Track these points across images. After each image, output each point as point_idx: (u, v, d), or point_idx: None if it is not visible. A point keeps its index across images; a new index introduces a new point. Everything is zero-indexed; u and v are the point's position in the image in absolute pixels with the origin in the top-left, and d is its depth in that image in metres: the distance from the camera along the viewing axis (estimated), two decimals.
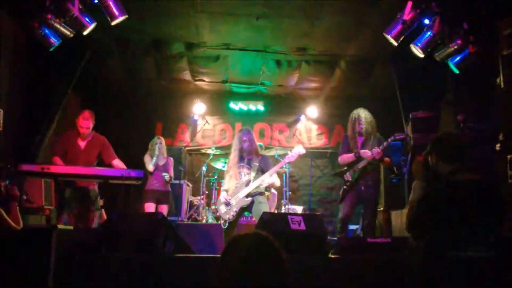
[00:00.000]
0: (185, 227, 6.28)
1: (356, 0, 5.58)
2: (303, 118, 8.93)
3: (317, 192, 8.65)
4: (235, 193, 5.13)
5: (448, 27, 5.13)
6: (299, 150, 5.38)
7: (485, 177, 2.97)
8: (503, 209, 2.83)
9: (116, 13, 4.97)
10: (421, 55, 5.33)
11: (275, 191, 7.50)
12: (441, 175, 2.91)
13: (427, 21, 5.15)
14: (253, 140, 5.31)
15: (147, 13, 5.90)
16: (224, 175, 5.47)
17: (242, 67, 7.67)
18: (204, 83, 8.27)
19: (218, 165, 7.66)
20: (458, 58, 5.29)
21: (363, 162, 5.27)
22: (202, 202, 7.32)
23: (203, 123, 8.59)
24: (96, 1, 4.97)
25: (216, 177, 7.47)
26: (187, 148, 8.46)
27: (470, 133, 5.13)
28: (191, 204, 7.58)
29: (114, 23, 5.04)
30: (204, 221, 7.02)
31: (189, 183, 7.86)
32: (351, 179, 5.32)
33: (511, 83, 4.35)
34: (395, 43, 5.23)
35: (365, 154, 5.22)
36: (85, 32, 5.09)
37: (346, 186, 5.35)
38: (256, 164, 5.20)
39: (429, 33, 5.16)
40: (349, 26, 6.16)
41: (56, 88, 6.20)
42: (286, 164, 6.32)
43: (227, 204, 5.12)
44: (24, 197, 5.21)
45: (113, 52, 6.93)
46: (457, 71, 5.40)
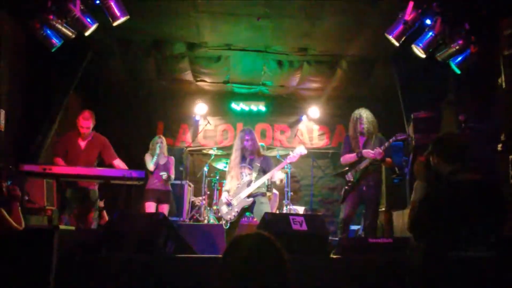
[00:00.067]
0: (186, 228, 6.26)
1: (357, 0, 5.58)
2: (304, 118, 8.91)
3: (318, 193, 8.62)
4: (236, 193, 5.12)
5: (450, 27, 5.13)
6: (300, 150, 5.38)
7: (486, 177, 2.98)
8: (504, 209, 2.83)
9: (118, 13, 4.99)
10: (422, 55, 5.33)
11: (277, 192, 7.50)
12: (442, 175, 2.91)
13: (428, 21, 5.15)
14: (255, 140, 5.32)
15: (148, 13, 5.91)
16: (226, 175, 5.47)
17: (244, 68, 7.67)
18: (206, 83, 8.27)
19: (220, 165, 7.66)
20: (460, 58, 5.29)
21: (364, 162, 5.26)
22: (204, 202, 7.31)
23: (204, 124, 8.58)
24: (97, 1, 4.99)
25: (217, 177, 7.47)
26: (189, 148, 8.46)
27: (471, 133, 5.12)
28: (192, 205, 7.59)
29: (115, 23, 5.06)
30: (205, 221, 7.01)
31: (190, 184, 7.86)
32: (353, 179, 5.31)
33: None
34: (397, 44, 5.23)
35: (367, 154, 5.21)
36: (86, 33, 5.10)
37: (348, 187, 5.35)
38: (258, 164, 5.19)
39: (430, 33, 5.16)
40: (350, 26, 6.16)
41: (57, 88, 6.22)
42: (288, 164, 6.33)
43: (229, 204, 5.11)
44: (26, 197, 5.22)
45: (114, 52, 6.94)
46: (458, 71, 5.40)
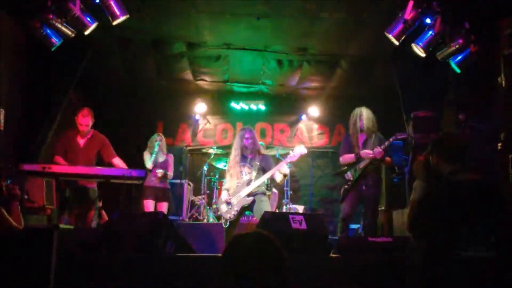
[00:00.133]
0: (186, 227, 6.28)
1: (357, 0, 5.58)
2: (304, 117, 8.92)
3: (318, 192, 8.62)
4: (236, 192, 5.12)
5: (450, 26, 5.12)
6: (301, 150, 5.37)
7: (486, 177, 2.98)
8: (504, 209, 2.83)
9: (118, 12, 4.98)
10: (422, 54, 5.32)
11: (276, 191, 7.50)
12: (442, 175, 2.91)
13: (428, 20, 5.14)
14: (255, 138, 5.31)
15: (148, 12, 5.90)
16: (225, 174, 5.47)
17: (243, 67, 7.66)
18: (205, 82, 8.26)
19: (219, 164, 7.66)
20: (460, 58, 5.28)
21: (364, 162, 5.26)
22: (203, 201, 7.32)
23: (204, 123, 8.58)
24: (97, 1, 4.98)
25: (217, 176, 7.47)
26: (188, 147, 8.45)
27: (471, 132, 5.13)
28: (192, 204, 7.59)
29: (115, 23, 5.05)
30: (205, 220, 7.02)
31: (190, 183, 7.86)
32: (352, 178, 5.32)
33: None
34: (396, 43, 5.23)
35: (366, 155, 5.22)
36: (86, 32, 5.10)
37: (347, 186, 5.35)
38: (257, 163, 5.19)
39: (430, 32, 5.16)
40: (350, 25, 6.14)
41: (57, 87, 6.20)
42: (288, 163, 6.31)
43: (228, 203, 5.11)
44: (25, 196, 5.21)
45: (114, 52, 6.93)
46: (458, 71, 5.39)
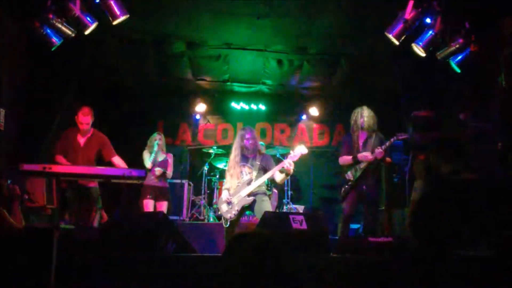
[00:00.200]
0: (186, 227, 6.28)
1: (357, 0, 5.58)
2: (304, 117, 8.91)
3: (318, 192, 8.63)
4: (236, 192, 5.12)
5: (450, 26, 5.12)
6: (301, 150, 5.35)
7: (486, 177, 2.97)
8: (504, 209, 2.83)
9: (118, 12, 4.98)
10: (422, 54, 5.32)
11: (276, 190, 7.50)
12: (442, 175, 2.91)
13: (428, 20, 5.14)
14: (255, 138, 5.31)
15: (148, 12, 5.90)
16: (225, 174, 5.47)
17: (243, 66, 7.66)
18: (206, 82, 8.26)
19: (220, 164, 7.66)
20: (460, 57, 5.29)
21: (364, 162, 5.26)
22: (204, 201, 7.32)
23: (204, 123, 8.58)
24: (97, 0, 4.98)
25: (217, 176, 7.47)
26: (189, 147, 8.46)
27: (471, 132, 5.12)
28: (192, 204, 7.58)
29: (115, 22, 5.05)
30: (205, 220, 7.02)
31: (190, 183, 7.85)
32: (353, 178, 5.32)
33: None
34: (397, 42, 5.22)
35: (364, 158, 5.23)
36: (86, 32, 5.10)
37: (348, 186, 5.35)
38: (258, 163, 5.18)
39: (430, 32, 5.15)
40: (350, 25, 6.15)
41: (57, 87, 6.21)
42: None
43: (229, 203, 5.10)
44: (26, 196, 5.22)
45: (114, 52, 6.93)
46: (458, 70, 5.40)
